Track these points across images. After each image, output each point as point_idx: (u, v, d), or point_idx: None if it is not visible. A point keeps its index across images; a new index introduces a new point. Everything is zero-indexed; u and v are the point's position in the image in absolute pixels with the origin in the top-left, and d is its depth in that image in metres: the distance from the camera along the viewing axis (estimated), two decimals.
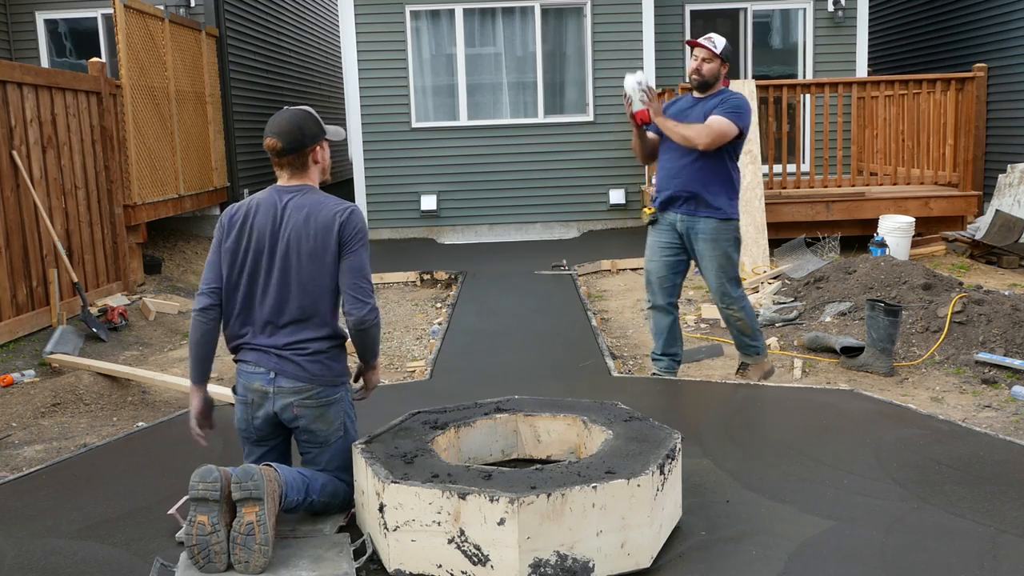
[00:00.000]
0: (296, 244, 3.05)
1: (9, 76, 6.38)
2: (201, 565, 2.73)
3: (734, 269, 4.74)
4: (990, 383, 4.85)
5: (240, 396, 3.14)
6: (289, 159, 3.14)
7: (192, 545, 2.71)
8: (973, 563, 2.80)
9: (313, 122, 3.17)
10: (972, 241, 8.25)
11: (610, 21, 10.72)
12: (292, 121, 3.12)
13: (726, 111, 4.46)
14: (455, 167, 10.90)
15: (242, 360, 3.13)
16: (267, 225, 3.08)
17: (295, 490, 2.96)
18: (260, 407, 3.09)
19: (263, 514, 2.73)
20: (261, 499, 2.73)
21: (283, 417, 3.09)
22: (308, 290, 3.06)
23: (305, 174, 3.19)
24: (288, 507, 2.96)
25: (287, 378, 3.04)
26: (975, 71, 9.13)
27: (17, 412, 4.95)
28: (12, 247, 6.29)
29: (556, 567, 2.66)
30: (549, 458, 3.42)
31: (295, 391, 3.04)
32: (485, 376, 5.23)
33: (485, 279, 8.33)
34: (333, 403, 3.12)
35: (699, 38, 4.62)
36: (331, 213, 3.08)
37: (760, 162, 8.38)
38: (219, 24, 10.47)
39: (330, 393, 3.10)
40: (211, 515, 2.71)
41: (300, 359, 3.05)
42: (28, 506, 3.50)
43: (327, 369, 3.09)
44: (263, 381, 3.06)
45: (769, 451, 3.82)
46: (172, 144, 9.11)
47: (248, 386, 3.10)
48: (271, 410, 3.08)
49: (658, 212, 4.78)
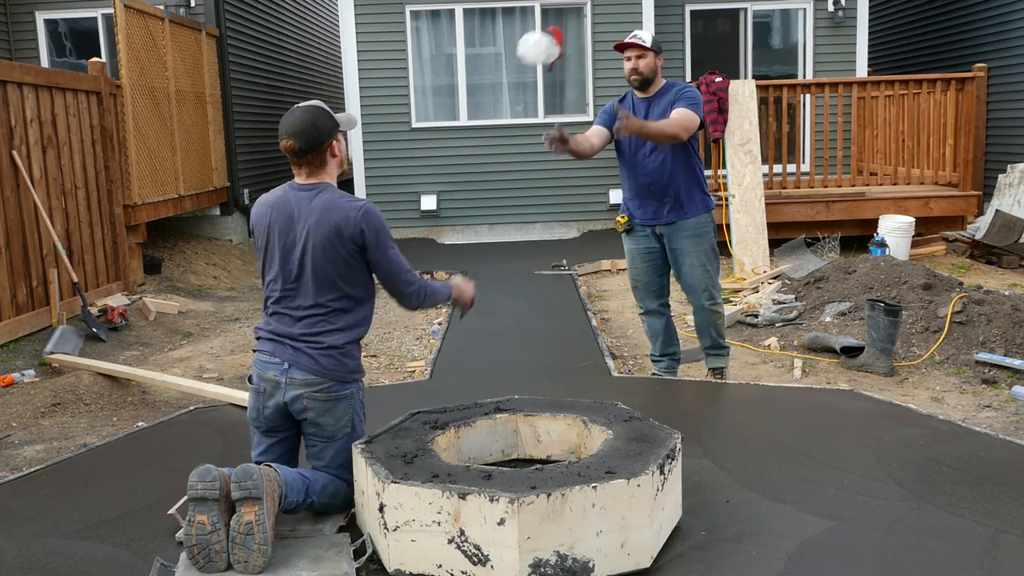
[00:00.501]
0: (312, 243, 3.09)
1: (9, 76, 6.38)
2: (201, 565, 2.73)
3: (718, 260, 4.75)
4: (990, 383, 4.85)
5: (254, 385, 3.19)
6: (308, 158, 3.14)
7: (192, 545, 2.71)
8: (973, 563, 2.80)
9: (326, 117, 3.16)
10: (972, 241, 8.25)
11: (610, 21, 10.72)
12: (305, 119, 3.11)
13: (688, 104, 4.38)
14: (455, 167, 10.90)
15: (260, 349, 3.19)
16: (284, 225, 3.14)
17: (295, 491, 2.97)
18: (271, 396, 3.13)
19: (262, 514, 2.73)
20: (260, 498, 2.74)
21: (292, 408, 3.12)
22: (324, 287, 3.12)
23: (323, 170, 3.20)
24: (288, 508, 2.97)
25: (300, 370, 3.08)
26: (975, 71, 9.13)
27: (17, 412, 4.95)
28: (12, 247, 6.29)
29: (556, 567, 2.66)
30: (549, 458, 3.42)
31: (306, 383, 3.08)
32: (485, 376, 5.23)
33: (485, 279, 8.33)
34: (343, 398, 3.14)
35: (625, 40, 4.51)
36: (345, 214, 3.11)
37: (760, 162, 8.38)
38: (219, 24, 10.46)
39: (340, 388, 3.13)
40: (211, 515, 2.71)
41: (314, 352, 3.09)
42: (28, 506, 3.50)
43: (340, 364, 3.12)
44: (277, 371, 3.11)
45: (769, 451, 3.82)
46: (172, 144, 9.11)
47: (262, 375, 3.14)
48: (281, 400, 3.11)
49: (637, 223, 4.75)
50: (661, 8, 10.95)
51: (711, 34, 11.50)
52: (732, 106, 8.40)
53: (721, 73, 8.53)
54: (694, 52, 11.27)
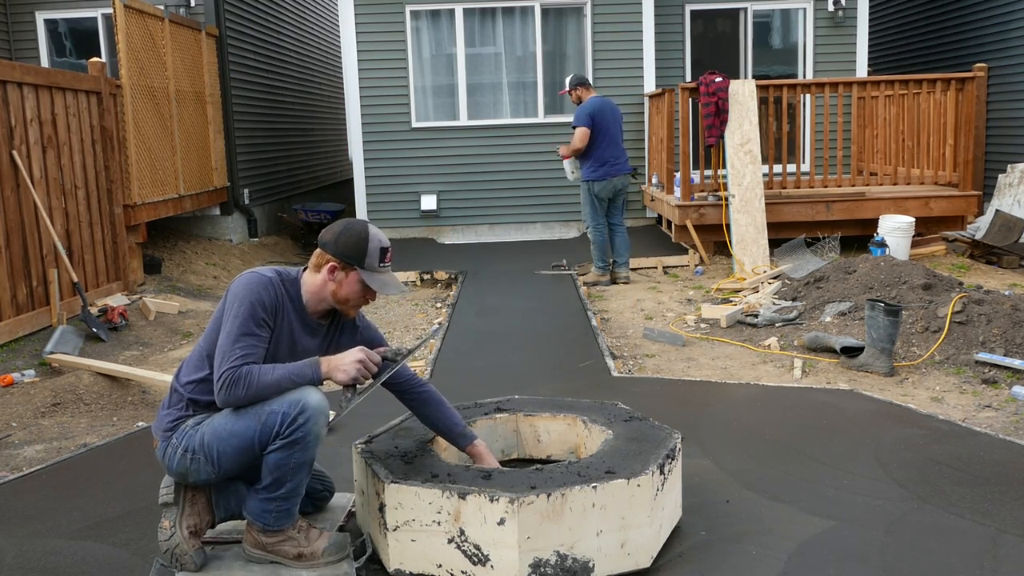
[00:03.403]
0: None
1: (9, 76, 6.38)
2: (174, 566, 2.80)
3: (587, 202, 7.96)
4: (990, 383, 4.84)
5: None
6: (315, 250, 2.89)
7: (164, 551, 2.80)
8: (973, 563, 2.80)
9: (355, 244, 2.80)
10: (972, 241, 8.25)
11: (610, 21, 10.72)
12: (342, 225, 2.86)
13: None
14: (455, 167, 10.90)
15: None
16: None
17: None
18: None
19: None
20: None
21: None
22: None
23: (312, 272, 2.87)
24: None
25: None
26: (975, 71, 9.12)
27: (17, 412, 4.95)
28: (12, 247, 6.29)
29: (556, 567, 2.66)
30: (549, 458, 3.42)
31: None
32: (485, 376, 5.23)
33: (485, 279, 8.33)
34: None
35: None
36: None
37: (760, 162, 8.38)
38: (219, 24, 10.46)
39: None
40: (171, 518, 2.80)
41: None
42: (28, 506, 3.50)
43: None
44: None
45: (769, 451, 3.82)
46: (172, 144, 9.11)
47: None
48: None
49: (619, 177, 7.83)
50: (661, 8, 10.96)
51: (711, 34, 11.50)
52: (732, 106, 8.40)
53: (721, 73, 8.53)
54: (694, 52, 11.27)
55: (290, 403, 2.64)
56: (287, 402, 2.64)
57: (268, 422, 2.64)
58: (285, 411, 2.63)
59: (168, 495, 2.81)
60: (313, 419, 2.64)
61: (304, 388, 2.67)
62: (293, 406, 2.63)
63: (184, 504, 2.82)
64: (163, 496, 2.82)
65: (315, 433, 2.66)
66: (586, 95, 7.79)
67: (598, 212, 7.85)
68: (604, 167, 7.69)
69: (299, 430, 2.63)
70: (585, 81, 7.89)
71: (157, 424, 2.86)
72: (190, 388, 2.79)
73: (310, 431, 2.64)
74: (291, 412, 2.62)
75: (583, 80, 7.86)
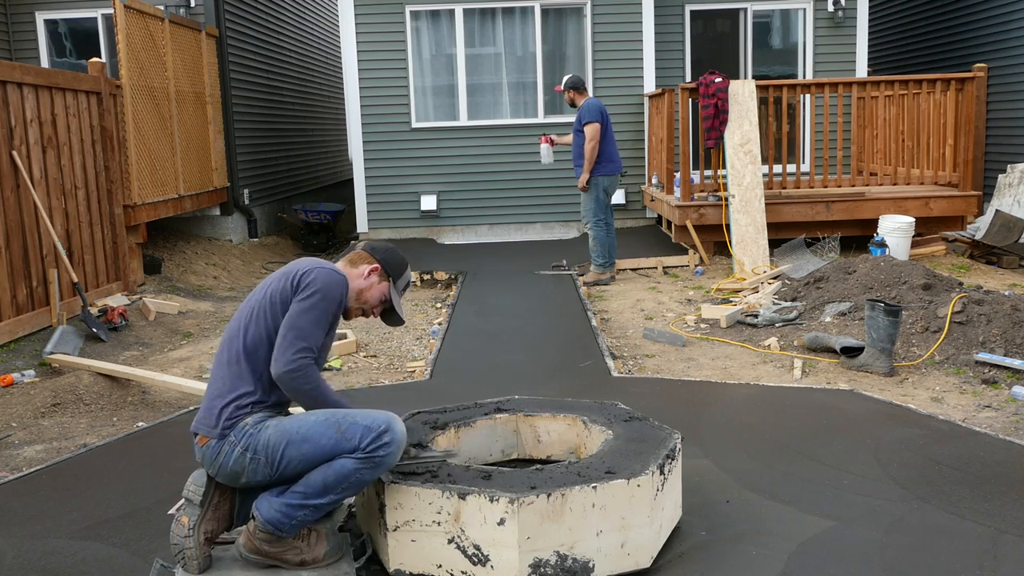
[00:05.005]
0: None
1: (9, 76, 6.38)
2: (178, 564, 2.77)
3: (591, 198, 8.09)
4: (990, 383, 4.84)
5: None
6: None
7: (173, 544, 2.76)
8: (973, 563, 2.80)
9: (394, 262, 3.07)
10: (972, 241, 8.25)
11: (610, 21, 10.72)
12: (386, 246, 3.12)
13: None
14: (455, 167, 10.90)
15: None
16: None
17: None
18: None
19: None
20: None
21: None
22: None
23: (350, 266, 3.03)
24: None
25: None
26: (975, 71, 9.12)
27: (17, 412, 4.95)
28: (12, 247, 6.29)
29: (556, 567, 2.66)
30: (549, 458, 3.42)
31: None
32: (485, 376, 5.23)
33: (485, 279, 8.33)
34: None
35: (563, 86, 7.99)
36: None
37: (760, 162, 8.38)
38: (219, 24, 10.46)
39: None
40: (192, 518, 2.75)
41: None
42: (28, 506, 3.50)
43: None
44: None
45: (769, 451, 3.82)
46: (172, 144, 9.11)
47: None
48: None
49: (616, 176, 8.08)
50: (661, 8, 10.95)
51: (711, 34, 11.50)
52: (732, 106, 8.40)
53: (721, 73, 8.53)
54: (694, 52, 11.27)
55: (376, 420, 2.69)
56: (372, 418, 2.69)
57: (348, 433, 2.67)
58: (369, 425, 2.67)
59: (196, 495, 2.75)
60: (396, 442, 2.69)
61: (389, 412, 2.76)
62: (379, 424, 2.68)
63: (208, 509, 2.78)
64: (191, 493, 2.76)
65: (394, 457, 2.70)
66: (579, 99, 7.95)
67: (605, 208, 8.01)
68: (612, 163, 7.93)
69: (382, 449, 2.66)
70: (581, 84, 8.00)
71: (206, 420, 2.76)
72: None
73: (391, 453, 2.68)
74: (376, 429, 2.67)
75: (579, 84, 7.99)
